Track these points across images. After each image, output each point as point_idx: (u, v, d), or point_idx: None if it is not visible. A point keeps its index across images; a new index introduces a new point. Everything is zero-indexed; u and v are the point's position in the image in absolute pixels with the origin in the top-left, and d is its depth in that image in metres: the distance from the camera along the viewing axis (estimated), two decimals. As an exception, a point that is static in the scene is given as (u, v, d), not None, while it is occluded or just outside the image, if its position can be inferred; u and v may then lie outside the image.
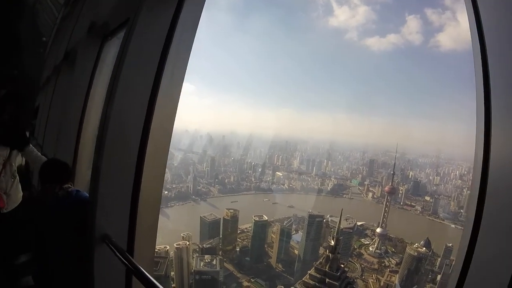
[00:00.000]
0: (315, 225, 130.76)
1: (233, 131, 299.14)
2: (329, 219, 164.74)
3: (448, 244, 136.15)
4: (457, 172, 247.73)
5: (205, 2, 4.68)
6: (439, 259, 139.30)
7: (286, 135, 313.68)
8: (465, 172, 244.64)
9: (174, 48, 4.29)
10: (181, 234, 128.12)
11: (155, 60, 4.21)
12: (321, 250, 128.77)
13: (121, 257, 3.54)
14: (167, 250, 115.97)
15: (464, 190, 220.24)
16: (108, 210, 4.16)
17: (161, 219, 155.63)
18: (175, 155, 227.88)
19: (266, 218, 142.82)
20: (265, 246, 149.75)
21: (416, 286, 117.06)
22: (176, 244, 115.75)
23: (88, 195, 4.33)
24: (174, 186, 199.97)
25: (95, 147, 4.38)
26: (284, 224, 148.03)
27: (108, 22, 6.01)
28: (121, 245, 4.05)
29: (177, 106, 4.78)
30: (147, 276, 3.02)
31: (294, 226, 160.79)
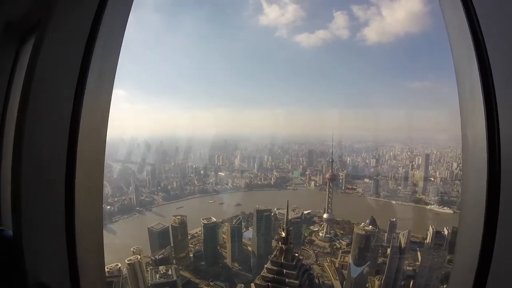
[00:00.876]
0: (264, 220, 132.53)
1: (171, 136, 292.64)
2: (277, 211, 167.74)
3: (392, 219, 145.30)
4: (391, 153, 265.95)
5: (133, 2, 4.27)
6: (386, 234, 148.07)
7: (225, 134, 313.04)
8: (398, 153, 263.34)
9: (100, 50, 3.74)
10: (131, 249, 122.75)
11: (76, 64, 3.59)
12: (274, 243, 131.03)
13: None
14: (119, 267, 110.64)
15: (399, 168, 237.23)
16: (40, 251, 3.42)
17: (107, 235, 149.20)
18: (114, 167, 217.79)
19: (215, 220, 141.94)
20: (218, 247, 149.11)
21: (369, 262, 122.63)
22: (128, 260, 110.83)
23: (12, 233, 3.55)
24: (116, 199, 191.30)
25: (11, 171, 3.63)
26: (233, 223, 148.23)
27: (26, 21, 5.35)
28: None
29: (108, 114, 4.21)
30: None
31: (243, 224, 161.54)
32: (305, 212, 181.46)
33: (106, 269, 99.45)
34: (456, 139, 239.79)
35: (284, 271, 50.78)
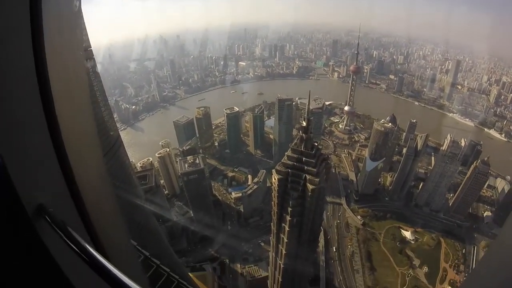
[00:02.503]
0: (286, 109, 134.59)
1: (187, 29, 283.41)
2: (298, 101, 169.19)
3: (412, 120, 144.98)
4: (421, 52, 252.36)
5: None
6: (404, 134, 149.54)
7: (243, 23, 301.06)
8: (428, 53, 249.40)
9: None
10: (160, 143, 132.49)
11: None
12: (294, 132, 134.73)
13: (75, 248, 2.51)
14: (151, 161, 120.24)
15: (427, 70, 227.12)
16: (31, 172, 3.04)
17: (136, 133, 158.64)
18: (131, 67, 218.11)
19: (237, 109, 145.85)
20: (241, 136, 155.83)
21: (384, 158, 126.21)
22: (158, 154, 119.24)
23: None
24: (139, 98, 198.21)
25: None
26: (256, 112, 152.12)
27: None
28: (67, 217, 3.16)
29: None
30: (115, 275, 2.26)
31: (265, 113, 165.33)
32: (327, 103, 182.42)
33: (139, 165, 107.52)
34: (492, 51, 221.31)
35: (304, 159, 52.28)
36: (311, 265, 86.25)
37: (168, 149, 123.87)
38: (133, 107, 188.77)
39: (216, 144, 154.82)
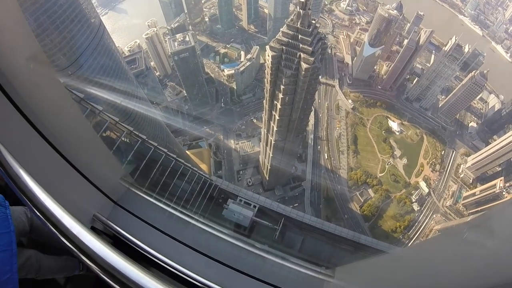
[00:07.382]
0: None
1: None
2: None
3: (419, 12, 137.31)
4: None
5: None
6: (408, 25, 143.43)
7: None
8: None
9: None
10: (146, 23, 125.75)
11: None
12: (291, 7, 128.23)
13: None
14: (139, 44, 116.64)
15: None
16: None
17: (119, 16, 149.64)
18: None
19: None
20: (234, 10, 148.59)
21: (383, 46, 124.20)
22: (145, 35, 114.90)
23: None
24: None
25: None
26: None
27: None
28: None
29: None
30: None
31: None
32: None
33: (126, 49, 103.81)
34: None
35: (299, 36, 50.70)
36: (300, 142, 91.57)
37: (155, 29, 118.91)
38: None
39: (207, 19, 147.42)
